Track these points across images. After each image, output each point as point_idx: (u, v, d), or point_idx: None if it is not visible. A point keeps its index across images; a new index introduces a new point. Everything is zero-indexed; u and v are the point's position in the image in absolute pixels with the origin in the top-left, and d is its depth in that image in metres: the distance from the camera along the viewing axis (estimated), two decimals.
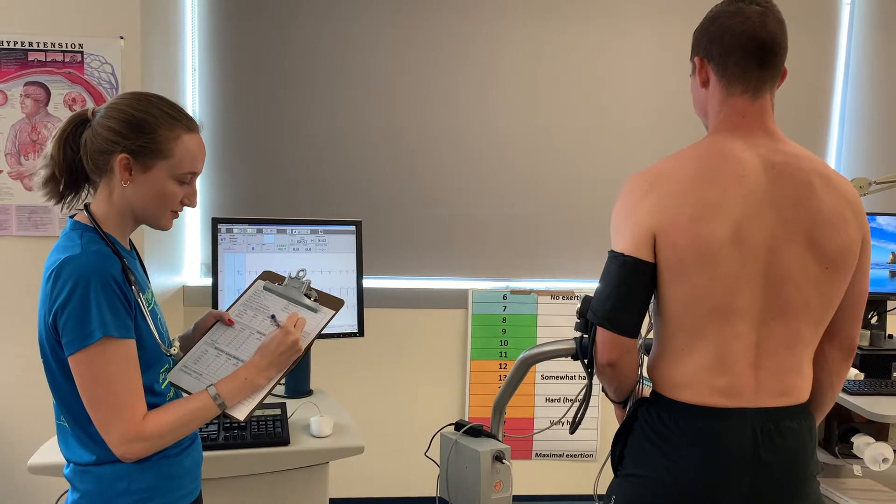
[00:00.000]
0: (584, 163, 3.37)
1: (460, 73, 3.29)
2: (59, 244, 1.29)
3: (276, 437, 1.87)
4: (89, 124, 1.31)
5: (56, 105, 2.60)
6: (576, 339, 1.51)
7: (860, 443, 2.29)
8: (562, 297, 3.35)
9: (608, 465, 1.51)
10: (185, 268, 3.21)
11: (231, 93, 3.20)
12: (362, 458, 2.04)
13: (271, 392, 1.40)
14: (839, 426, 2.37)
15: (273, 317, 1.48)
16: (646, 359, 1.46)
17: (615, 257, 1.34)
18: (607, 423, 3.39)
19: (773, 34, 1.33)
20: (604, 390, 1.52)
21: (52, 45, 2.59)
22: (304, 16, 3.20)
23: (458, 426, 2.08)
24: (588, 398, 1.60)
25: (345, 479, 3.10)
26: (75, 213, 1.35)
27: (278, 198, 3.24)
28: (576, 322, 1.47)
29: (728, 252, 1.28)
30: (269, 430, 1.89)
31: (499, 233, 3.36)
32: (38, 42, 2.58)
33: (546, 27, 3.30)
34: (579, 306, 1.45)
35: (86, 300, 1.21)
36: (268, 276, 1.58)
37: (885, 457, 2.23)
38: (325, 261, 2.31)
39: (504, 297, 3.33)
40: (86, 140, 1.30)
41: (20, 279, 2.61)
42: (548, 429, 3.27)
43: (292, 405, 2.11)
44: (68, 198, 1.36)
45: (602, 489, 1.55)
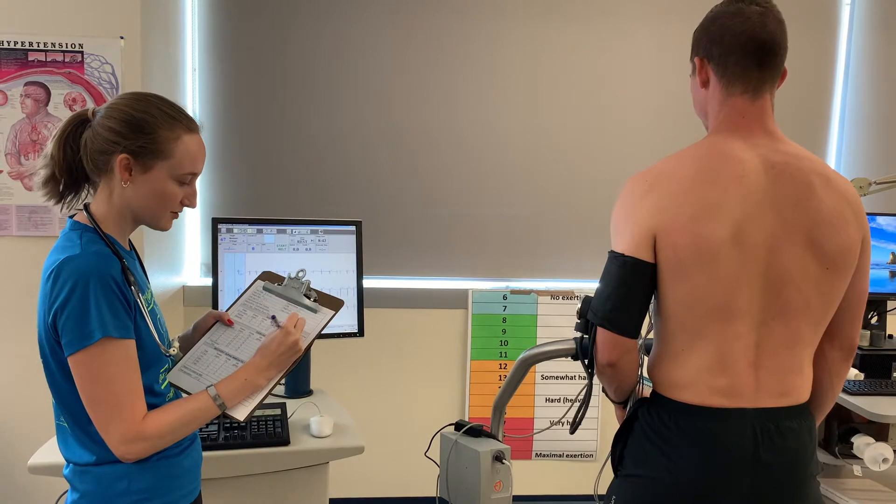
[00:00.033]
0: (584, 163, 3.37)
1: (460, 73, 3.29)
2: (58, 244, 1.29)
3: (276, 437, 1.87)
4: (89, 124, 1.31)
5: (56, 105, 2.60)
6: (576, 339, 1.51)
7: (860, 443, 2.29)
8: (562, 297, 3.35)
9: (609, 466, 1.51)
10: (185, 268, 3.21)
11: (231, 93, 3.20)
12: (362, 458, 2.04)
13: (271, 392, 1.40)
14: (839, 426, 2.36)
15: (273, 317, 1.48)
16: (646, 359, 1.46)
17: (615, 258, 1.34)
18: (607, 423, 3.39)
19: (773, 34, 1.33)
20: (604, 390, 1.52)
21: (53, 45, 2.59)
22: (304, 16, 3.20)
23: (458, 426, 2.08)
24: (588, 398, 1.60)
25: (345, 479, 3.11)
26: (75, 214, 1.35)
27: (278, 198, 3.24)
28: (576, 322, 1.47)
29: (728, 252, 1.28)
30: (269, 430, 1.89)
31: (499, 233, 3.36)
32: (38, 42, 2.58)
33: (546, 27, 3.30)
34: (579, 306, 1.45)
35: (85, 300, 1.20)
36: (267, 276, 1.57)
37: (885, 457, 2.23)
38: (325, 261, 2.31)
39: (504, 297, 3.33)
40: (86, 140, 1.30)
41: (20, 279, 2.61)
42: (548, 429, 3.27)
43: (292, 405, 2.12)
44: (68, 198, 1.36)
45: (602, 489, 1.55)
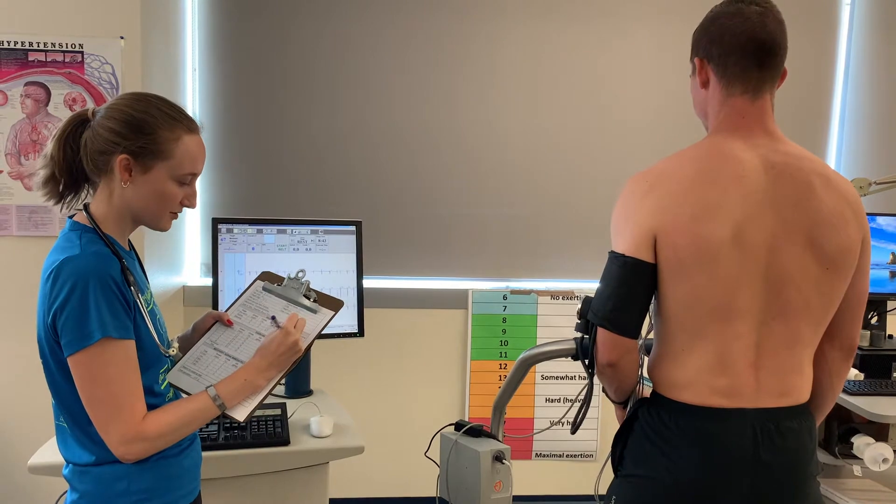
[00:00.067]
0: (584, 163, 3.36)
1: (460, 73, 3.29)
2: (58, 244, 1.29)
3: (276, 437, 1.87)
4: (89, 124, 1.31)
5: (56, 105, 2.60)
6: (576, 339, 1.51)
7: (860, 443, 2.29)
8: (562, 297, 3.34)
9: (609, 466, 1.51)
10: (185, 268, 3.21)
11: (231, 93, 3.20)
12: (362, 458, 2.05)
13: (271, 393, 1.40)
14: (839, 426, 2.36)
15: (273, 318, 1.48)
16: (646, 359, 1.46)
17: (616, 258, 1.34)
18: (607, 423, 3.39)
19: (772, 34, 1.33)
20: (604, 390, 1.52)
21: (53, 45, 2.59)
22: (304, 16, 3.20)
23: (458, 426, 2.08)
24: (589, 399, 1.59)
25: (345, 479, 3.10)
26: (74, 214, 1.35)
27: (278, 198, 3.24)
28: (576, 323, 1.47)
29: (728, 252, 1.28)
30: (269, 430, 1.89)
31: (499, 233, 3.36)
32: (38, 42, 2.58)
33: (546, 27, 3.30)
34: (580, 307, 1.45)
35: (85, 301, 1.20)
36: (266, 276, 1.57)
37: (885, 457, 2.23)
38: (325, 261, 2.31)
39: (504, 297, 3.33)
40: (86, 140, 1.30)
41: (20, 279, 2.61)
42: (548, 429, 3.27)
43: (292, 405, 2.11)
44: (68, 198, 1.36)
45: (603, 489, 1.55)
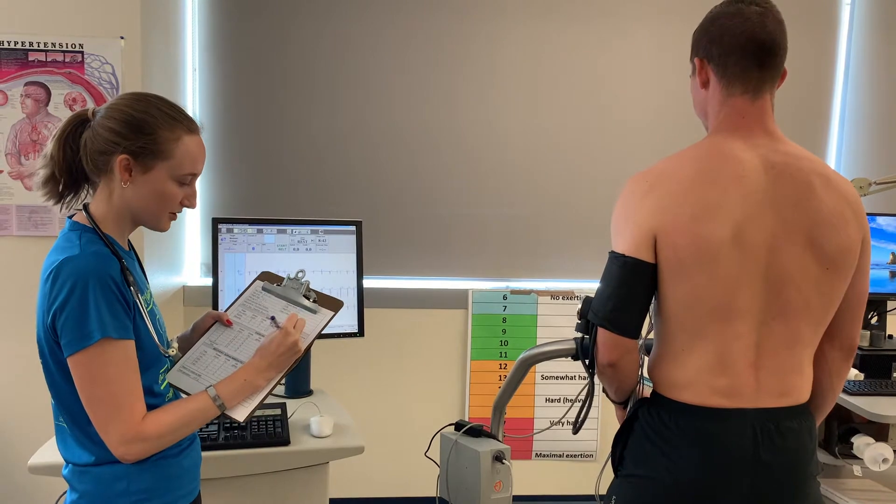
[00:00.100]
0: (584, 163, 3.36)
1: (460, 73, 3.29)
2: (57, 244, 1.29)
3: (277, 437, 1.87)
4: (89, 124, 1.31)
5: (56, 105, 2.60)
6: (576, 339, 1.51)
7: (860, 443, 2.29)
8: (562, 297, 3.34)
9: (609, 466, 1.51)
10: (185, 268, 3.21)
11: (231, 93, 3.20)
12: (362, 458, 2.05)
13: (271, 393, 1.40)
14: (839, 426, 2.36)
15: (272, 318, 1.48)
16: (646, 359, 1.46)
17: (616, 258, 1.34)
18: (607, 423, 3.39)
19: (772, 35, 1.33)
20: (604, 390, 1.52)
21: (53, 45, 2.59)
22: (304, 16, 3.20)
23: (458, 426, 2.08)
24: (591, 399, 1.59)
25: (345, 479, 3.10)
26: (74, 214, 1.35)
27: (278, 198, 3.24)
28: (577, 323, 1.47)
29: (728, 252, 1.28)
30: (269, 430, 1.89)
31: (499, 233, 3.36)
32: (38, 42, 2.58)
33: (546, 27, 3.30)
34: (580, 307, 1.45)
35: (84, 301, 1.20)
36: (266, 276, 1.57)
37: (885, 457, 2.23)
38: (325, 261, 2.31)
39: (504, 297, 3.33)
40: (86, 140, 1.30)
41: (20, 279, 2.61)
42: (548, 429, 3.27)
43: (292, 405, 2.12)
44: (67, 198, 1.36)
45: (603, 490, 1.54)
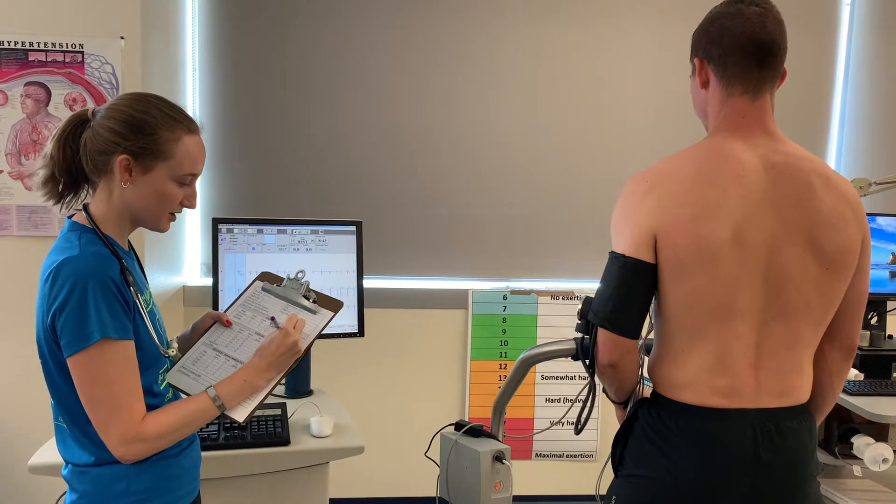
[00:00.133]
0: (584, 163, 3.36)
1: (460, 73, 3.29)
2: (57, 245, 1.29)
3: (277, 437, 1.87)
4: (89, 125, 1.31)
5: (56, 105, 2.60)
6: (577, 339, 1.51)
7: (860, 443, 2.29)
8: (562, 297, 3.34)
9: (609, 466, 1.51)
10: (185, 268, 3.21)
11: (231, 93, 3.20)
12: (362, 458, 2.04)
13: (271, 393, 1.40)
14: (839, 426, 2.36)
15: (272, 318, 1.48)
16: (646, 359, 1.46)
17: (616, 258, 1.34)
18: (607, 423, 3.39)
19: (772, 35, 1.33)
20: (604, 391, 1.52)
21: (53, 45, 2.59)
22: (304, 16, 3.20)
23: (458, 426, 2.07)
24: (593, 399, 1.59)
25: (345, 479, 3.11)
26: (73, 214, 1.35)
27: (278, 198, 3.24)
28: (577, 323, 1.47)
29: (728, 252, 1.28)
30: (269, 430, 1.89)
31: (499, 233, 3.36)
32: (38, 42, 2.58)
33: (546, 27, 3.30)
34: (580, 307, 1.45)
35: (84, 302, 1.20)
36: (266, 276, 1.57)
37: (884, 457, 2.23)
38: (325, 261, 2.31)
39: (504, 297, 3.33)
40: (85, 140, 1.30)
41: (20, 279, 2.61)
42: (548, 429, 3.27)
43: (292, 405, 2.12)
44: (67, 198, 1.36)
45: (603, 490, 1.54)
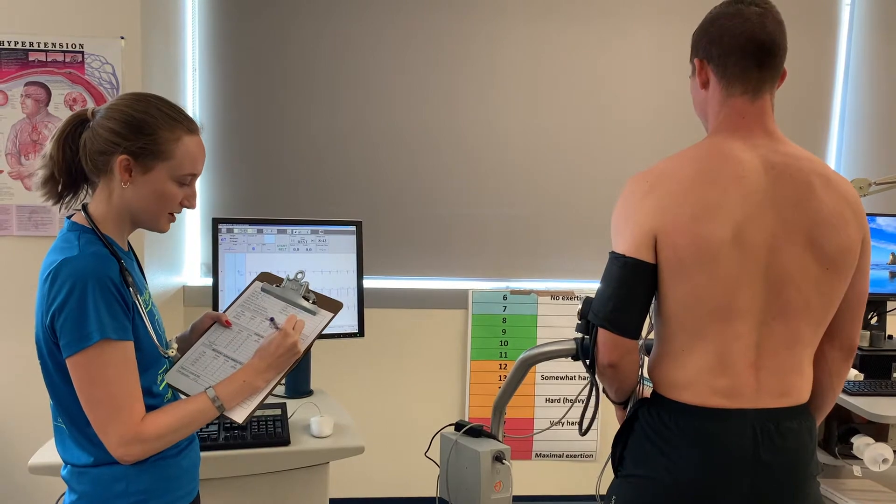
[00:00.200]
0: (584, 163, 3.36)
1: (460, 73, 3.29)
2: (56, 245, 1.29)
3: (277, 437, 1.87)
4: (89, 125, 1.31)
5: (57, 105, 2.60)
6: (577, 339, 1.51)
7: (860, 443, 2.29)
8: (562, 297, 3.34)
9: (609, 466, 1.51)
10: (185, 268, 3.21)
11: (231, 93, 3.20)
12: (362, 458, 2.04)
13: (270, 394, 1.40)
14: (839, 427, 2.36)
15: (272, 319, 1.48)
16: (646, 359, 1.46)
17: (616, 258, 1.34)
18: (608, 423, 3.39)
19: (772, 35, 1.33)
20: (604, 391, 1.52)
21: (53, 45, 2.59)
22: (304, 16, 3.20)
23: (458, 426, 2.07)
24: (597, 398, 1.59)
25: (345, 479, 3.10)
26: (73, 214, 1.34)
27: (278, 198, 3.24)
28: (577, 323, 1.46)
29: (728, 252, 1.28)
30: (269, 430, 1.89)
31: (499, 233, 3.36)
32: (38, 42, 2.58)
33: (546, 27, 3.30)
34: (580, 307, 1.45)
35: (83, 302, 1.20)
36: (265, 277, 1.57)
37: (884, 457, 2.23)
38: (325, 261, 2.31)
39: (504, 297, 3.33)
40: (85, 140, 1.30)
41: (20, 279, 2.61)
42: (548, 429, 3.27)
43: (292, 405, 2.12)
44: (66, 198, 1.36)
45: (603, 490, 1.55)
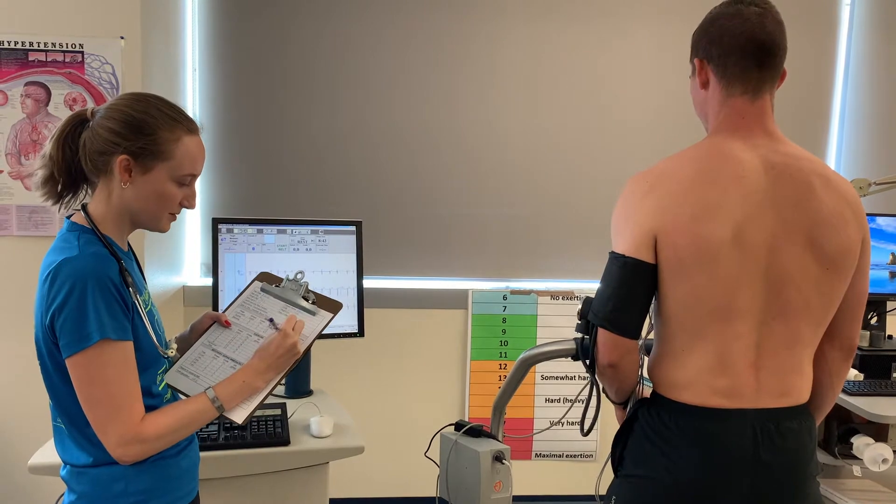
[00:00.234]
0: (584, 163, 3.36)
1: (460, 73, 3.29)
2: (55, 245, 1.29)
3: (277, 437, 1.87)
4: (88, 125, 1.31)
5: (56, 105, 2.60)
6: (576, 339, 1.51)
7: (860, 443, 2.29)
8: (562, 297, 3.34)
9: (609, 466, 1.51)
10: (185, 268, 3.21)
11: (231, 93, 3.20)
12: (362, 458, 2.04)
13: (270, 394, 1.40)
14: (839, 427, 2.36)
15: (271, 320, 1.48)
16: (646, 359, 1.46)
17: (616, 258, 1.34)
18: (607, 423, 3.38)
19: (772, 35, 1.33)
20: (604, 391, 1.52)
21: (53, 45, 2.59)
22: (304, 16, 3.20)
23: (458, 426, 2.07)
24: (599, 399, 1.59)
25: (345, 479, 3.11)
26: (72, 214, 1.34)
27: (278, 198, 3.24)
28: (577, 323, 1.46)
29: (728, 252, 1.28)
30: (269, 430, 1.89)
31: (499, 233, 3.36)
32: (38, 42, 2.58)
33: (546, 27, 3.30)
34: (580, 307, 1.45)
35: (83, 302, 1.20)
36: (265, 277, 1.56)
37: (884, 457, 2.23)
38: (325, 261, 2.31)
39: (504, 297, 3.33)
40: (85, 140, 1.30)
41: (20, 279, 2.61)
42: (548, 429, 3.27)
43: (292, 405, 2.12)
44: (66, 198, 1.36)
45: (603, 490, 1.55)
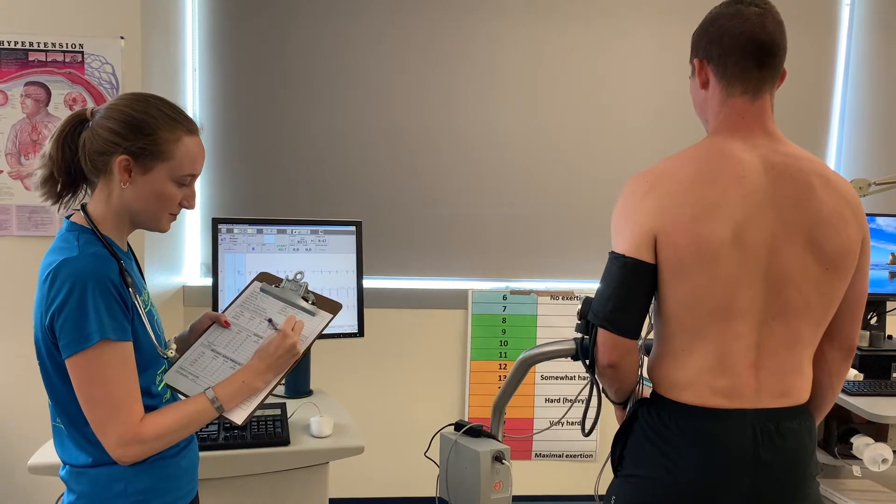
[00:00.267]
0: (584, 163, 3.36)
1: (460, 73, 3.29)
2: (55, 245, 1.28)
3: (276, 437, 1.87)
4: (88, 125, 1.31)
5: (56, 105, 2.60)
6: (576, 339, 1.51)
7: (859, 443, 2.29)
8: (562, 297, 3.34)
9: (609, 466, 1.51)
10: (185, 268, 3.21)
11: (231, 93, 3.20)
12: (362, 458, 2.05)
13: (270, 394, 1.40)
14: (838, 427, 2.36)
15: (270, 320, 1.48)
16: (646, 359, 1.46)
17: (616, 258, 1.34)
18: (607, 423, 3.35)
19: (771, 35, 1.33)
20: (604, 391, 1.52)
21: (53, 45, 2.59)
22: (304, 16, 3.20)
23: (458, 426, 2.07)
24: (599, 399, 1.59)
25: (345, 479, 3.11)
26: (72, 214, 1.34)
27: (278, 198, 3.24)
28: (577, 323, 1.46)
29: (728, 252, 1.28)
30: (269, 430, 1.89)
31: (499, 233, 3.36)
32: (38, 42, 2.58)
33: (546, 27, 3.30)
34: (580, 307, 1.45)
35: (83, 303, 1.20)
36: (264, 277, 1.56)
37: (884, 457, 2.23)
38: (325, 261, 2.31)
39: (504, 297, 3.33)
40: (84, 140, 1.30)
41: (20, 279, 2.61)
42: (547, 429, 3.27)
43: (292, 405, 2.12)
44: (66, 198, 1.36)
45: (602, 490, 1.55)
